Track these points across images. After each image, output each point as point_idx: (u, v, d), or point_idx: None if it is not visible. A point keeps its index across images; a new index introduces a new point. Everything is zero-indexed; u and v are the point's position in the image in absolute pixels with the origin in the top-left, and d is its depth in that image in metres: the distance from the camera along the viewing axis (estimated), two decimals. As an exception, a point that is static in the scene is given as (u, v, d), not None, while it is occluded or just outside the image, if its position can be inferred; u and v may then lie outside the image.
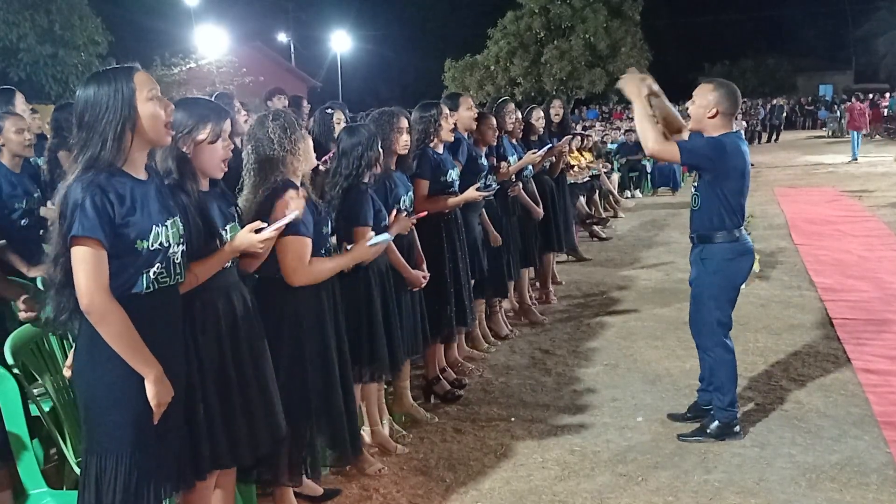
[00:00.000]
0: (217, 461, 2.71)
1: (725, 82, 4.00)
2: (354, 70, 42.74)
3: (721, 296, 4.09)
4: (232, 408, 2.71)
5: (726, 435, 4.12)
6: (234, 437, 2.72)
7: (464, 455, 4.08)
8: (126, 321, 2.29)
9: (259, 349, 2.85)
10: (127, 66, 2.40)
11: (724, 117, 3.93)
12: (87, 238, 2.21)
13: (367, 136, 3.77)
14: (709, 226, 4.02)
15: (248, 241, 2.67)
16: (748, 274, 4.20)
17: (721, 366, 4.15)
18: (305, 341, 3.17)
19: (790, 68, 47.26)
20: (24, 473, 2.90)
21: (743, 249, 4.06)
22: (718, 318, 4.11)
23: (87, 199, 2.21)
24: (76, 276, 2.24)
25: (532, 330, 6.31)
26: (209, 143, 2.69)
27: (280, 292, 3.11)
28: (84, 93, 2.34)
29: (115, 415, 2.34)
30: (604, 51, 32.13)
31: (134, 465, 2.35)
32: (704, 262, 4.09)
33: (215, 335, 2.68)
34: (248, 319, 2.81)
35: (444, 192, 4.64)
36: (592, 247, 9.95)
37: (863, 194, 13.33)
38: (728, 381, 4.14)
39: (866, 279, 7.38)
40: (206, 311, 2.67)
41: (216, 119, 2.71)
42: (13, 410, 2.89)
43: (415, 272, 4.11)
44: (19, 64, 17.74)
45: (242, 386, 2.74)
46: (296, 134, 3.13)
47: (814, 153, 22.92)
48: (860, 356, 5.28)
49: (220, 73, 24.32)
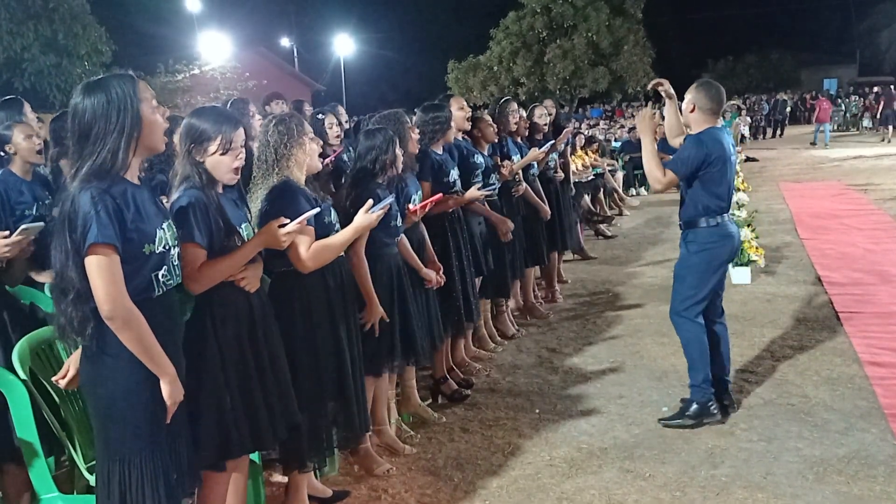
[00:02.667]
0: (242, 446, 2.78)
1: (708, 82, 4.33)
2: (358, 73, 42.81)
3: (701, 275, 4.30)
4: (252, 397, 2.80)
5: (703, 415, 4.27)
6: (255, 424, 2.81)
7: (472, 454, 4.10)
8: (145, 325, 2.33)
9: (274, 342, 2.96)
10: (128, 75, 2.42)
11: (703, 112, 4.22)
12: (103, 245, 2.23)
13: (382, 139, 3.87)
14: (693, 213, 4.27)
15: (272, 235, 2.79)
16: (730, 258, 4.41)
17: (691, 343, 4.33)
18: (317, 332, 3.29)
19: (794, 63, 47.04)
20: (35, 479, 2.93)
21: (725, 233, 4.29)
22: (694, 295, 4.30)
23: (100, 207, 2.23)
24: (94, 284, 2.25)
25: (538, 329, 6.32)
26: (220, 154, 2.76)
27: (291, 287, 3.24)
28: (88, 102, 2.33)
29: (134, 419, 2.38)
30: (607, 49, 32.07)
31: (156, 467, 2.39)
32: (688, 244, 4.34)
33: (234, 329, 2.77)
34: (264, 313, 2.93)
35: (447, 192, 4.68)
36: (598, 245, 9.96)
37: (868, 187, 13.29)
38: (699, 357, 4.32)
39: (872, 272, 7.36)
40: (225, 306, 2.77)
41: (226, 131, 2.77)
42: (24, 417, 2.91)
43: (428, 270, 4.19)
44: (23, 74, 17.77)
45: (261, 377, 2.85)
46: (292, 139, 3.23)
47: (818, 147, 22.85)
48: (867, 349, 5.28)
49: (223, 78, 24.34)
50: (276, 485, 3.70)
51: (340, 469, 3.91)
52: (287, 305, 3.21)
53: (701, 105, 4.21)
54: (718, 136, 4.18)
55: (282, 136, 3.23)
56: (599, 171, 12.04)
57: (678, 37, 45.58)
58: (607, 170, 12.63)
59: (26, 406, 2.91)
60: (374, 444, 4.07)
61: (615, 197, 12.92)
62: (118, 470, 2.37)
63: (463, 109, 5.19)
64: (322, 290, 3.31)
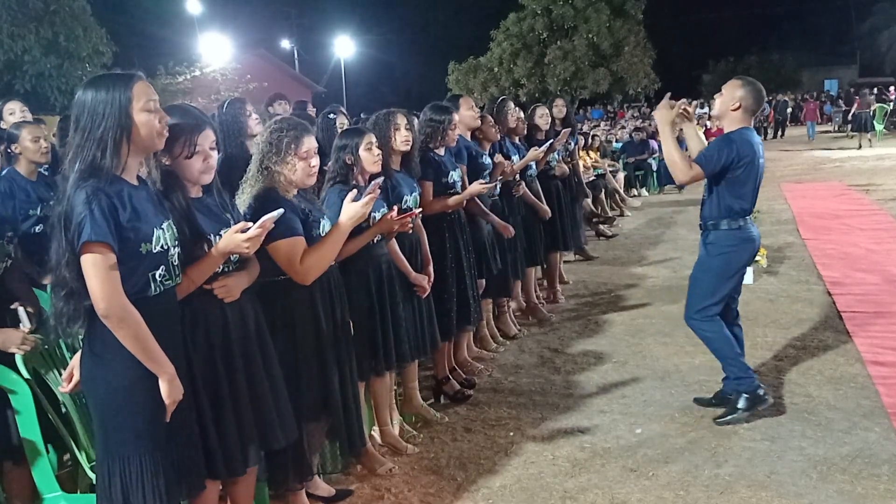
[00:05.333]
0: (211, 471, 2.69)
1: (754, 81, 4.22)
2: (358, 75, 42.81)
3: (720, 277, 4.25)
4: (223, 416, 2.69)
5: (756, 404, 4.23)
6: (226, 447, 2.70)
7: (474, 454, 4.09)
8: (142, 323, 2.33)
9: (253, 355, 2.82)
10: (128, 74, 2.43)
11: (745, 112, 4.16)
12: (98, 243, 2.24)
13: (345, 141, 3.78)
14: (716, 214, 4.21)
15: (233, 242, 2.62)
16: (749, 261, 4.36)
17: (715, 340, 4.31)
18: (299, 343, 3.19)
19: (794, 64, 47.02)
20: (38, 478, 2.94)
21: (746, 237, 4.23)
22: (711, 296, 4.27)
23: (94, 205, 2.24)
24: (90, 283, 2.26)
25: (540, 329, 6.32)
26: (184, 158, 2.68)
27: (274, 295, 3.14)
28: (83, 97, 2.37)
29: (133, 418, 2.38)
30: (607, 50, 32.12)
31: (157, 465, 2.39)
32: (708, 246, 4.28)
33: (205, 342, 2.68)
34: (244, 327, 2.81)
35: (446, 193, 4.67)
36: (599, 245, 9.95)
37: (870, 188, 13.28)
38: (728, 351, 4.29)
39: (874, 272, 7.36)
40: (195, 316, 2.67)
41: (189, 133, 2.67)
42: (27, 416, 2.92)
43: (417, 275, 4.10)
44: (24, 76, 17.79)
45: (234, 395, 2.73)
46: (279, 155, 3.14)
47: (820, 148, 22.85)
48: (869, 349, 5.27)
49: (224, 80, 24.39)
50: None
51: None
52: (269, 317, 3.05)
53: (746, 105, 4.13)
54: (749, 138, 4.13)
55: (270, 147, 3.15)
56: (600, 171, 12.04)
57: (679, 38, 45.63)
58: (608, 171, 12.63)
59: (29, 405, 2.92)
60: (377, 443, 4.07)
61: (616, 197, 12.91)
62: (118, 468, 2.37)
63: (472, 110, 5.22)
64: (307, 306, 3.20)
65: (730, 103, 4.15)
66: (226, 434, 2.70)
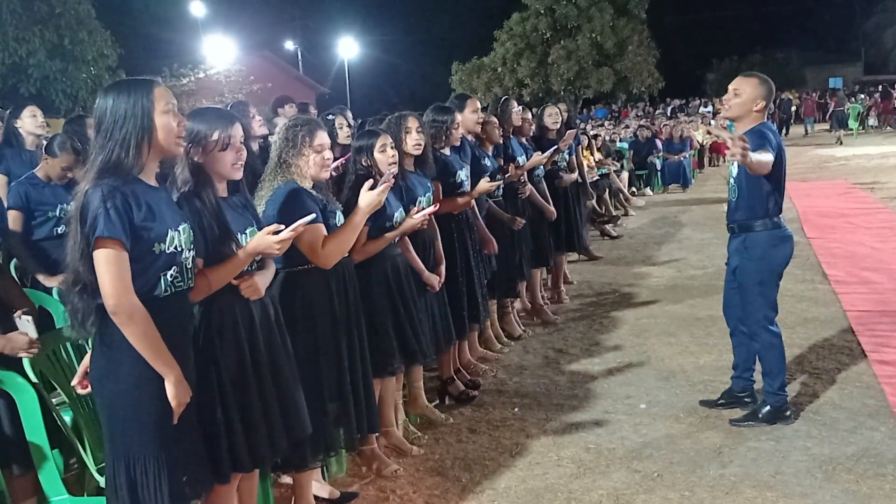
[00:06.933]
0: (237, 465, 2.74)
1: (765, 76, 4.19)
2: (362, 76, 42.85)
3: (767, 282, 4.20)
4: (251, 412, 2.76)
5: (777, 419, 4.21)
6: (253, 441, 2.76)
7: (479, 455, 4.10)
8: (150, 322, 2.35)
9: (278, 350, 2.91)
10: (148, 80, 2.50)
11: (766, 109, 4.17)
12: (110, 239, 2.28)
13: (361, 143, 3.90)
14: (750, 214, 4.15)
15: (264, 243, 2.70)
16: (789, 259, 4.29)
17: (769, 350, 4.24)
18: (319, 329, 3.30)
19: (799, 62, 46.94)
20: (45, 482, 2.95)
21: (783, 236, 4.20)
22: (765, 303, 4.20)
23: (108, 203, 2.29)
24: (101, 278, 2.30)
25: (545, 329, 6.32)
26: (219, 150, 2.77)
27: (294, 284, 3.27)
28: (105, 101, 2.44)
29: (140, 418, 2.39)
30: (611, 49, 32.05)
31: (164, 467, 2.40)
32: (748, 250, 4.20)
33: (234, 339, 2.74)
34: (268, 321, 2.89)
35: (454, 192, 4.68)
36: (603, 245, 9.95)
37: (875, 186, 13.26)
38: (777, 364, 4.24)
39: (880, 271, 7.35)
40: (224, 314, 2.74)
41: (223, 127, 2.78)
42: (33, 420, 2.93)
43: (429, 274, 4.17)
44: (29, 79, 17.83)
45: (261, 390, 2.80)
46: (295, 148, 3.29)
47: (824, 146, 22.80)
48: (875, 348, 5.26)
49: (228, 82, 24.43)
50: (285, 486, 3.70)
51: (348, 470, 3.91)
52: (288, 306, 3.19)
53: (767, 101, 4.14)
54: (775, 131, 4.14)
55: (286, 143, 3.30)
56: (605, 171, 12.04)
57: (682, 37, 45.57)
58: (612, 170, 12.62)
59: (36, 409, 2.93)
60: (382, 445, 4.07)
61: (620, 197, 12.90)
62: (125, 468, 2.39)
63: (476, 112, 5.21)
64: (325, 294, 3.33)
65: (751, 103, 4.09)
66: (253, 427, 2.76)
